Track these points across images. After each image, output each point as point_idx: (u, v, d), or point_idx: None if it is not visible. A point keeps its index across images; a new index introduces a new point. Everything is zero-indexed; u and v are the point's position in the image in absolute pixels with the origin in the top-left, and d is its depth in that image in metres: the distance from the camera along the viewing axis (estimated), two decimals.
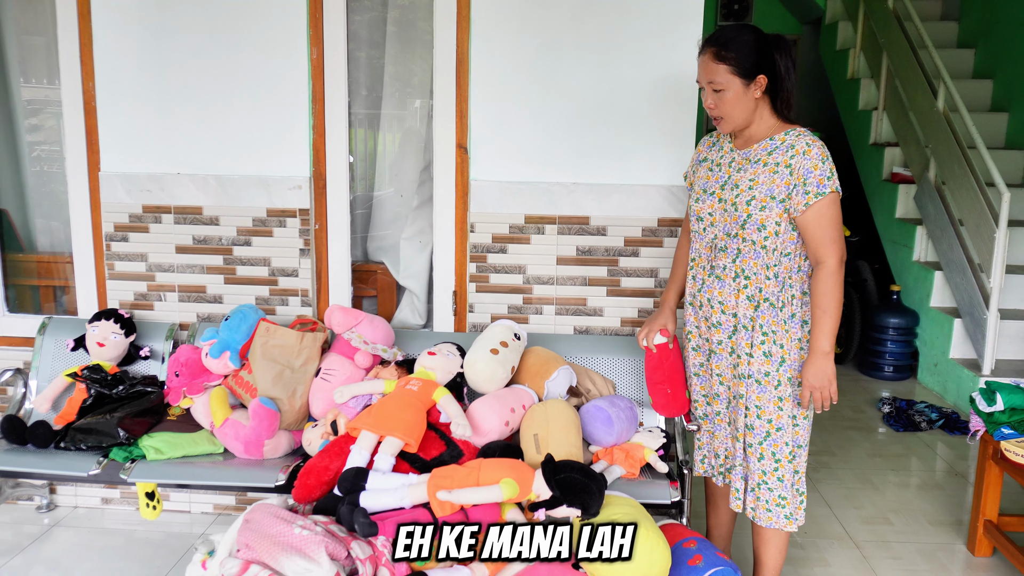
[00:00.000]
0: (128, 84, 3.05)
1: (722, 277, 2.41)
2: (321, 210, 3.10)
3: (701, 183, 2.47)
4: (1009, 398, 2.94)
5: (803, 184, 2.25)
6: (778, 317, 2.36)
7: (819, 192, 2.24)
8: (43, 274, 3.53)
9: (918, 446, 4.19)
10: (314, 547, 2.08)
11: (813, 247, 2.30)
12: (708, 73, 2.28)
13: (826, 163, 2.26)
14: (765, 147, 2.33)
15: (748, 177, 2.33)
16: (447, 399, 2.56)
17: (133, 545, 3.09)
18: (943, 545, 3.18)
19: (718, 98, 2.30)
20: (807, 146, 2.27)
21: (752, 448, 2.43)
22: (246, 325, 2.84)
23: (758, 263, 2.35)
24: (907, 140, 5.64)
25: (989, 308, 4.47)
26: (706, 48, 2.29)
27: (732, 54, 2.25)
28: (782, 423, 2.40)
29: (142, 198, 3.10)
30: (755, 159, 2.34)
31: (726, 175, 2.40)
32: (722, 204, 2.38)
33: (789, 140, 2.30)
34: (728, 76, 2.26)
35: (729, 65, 2.25)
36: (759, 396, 2.40)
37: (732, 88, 2.27)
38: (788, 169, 2.27)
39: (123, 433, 2.68)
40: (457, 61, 2.96)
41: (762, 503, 2.46)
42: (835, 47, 6.95)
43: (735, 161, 2.39)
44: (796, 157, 2.27)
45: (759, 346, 2.38)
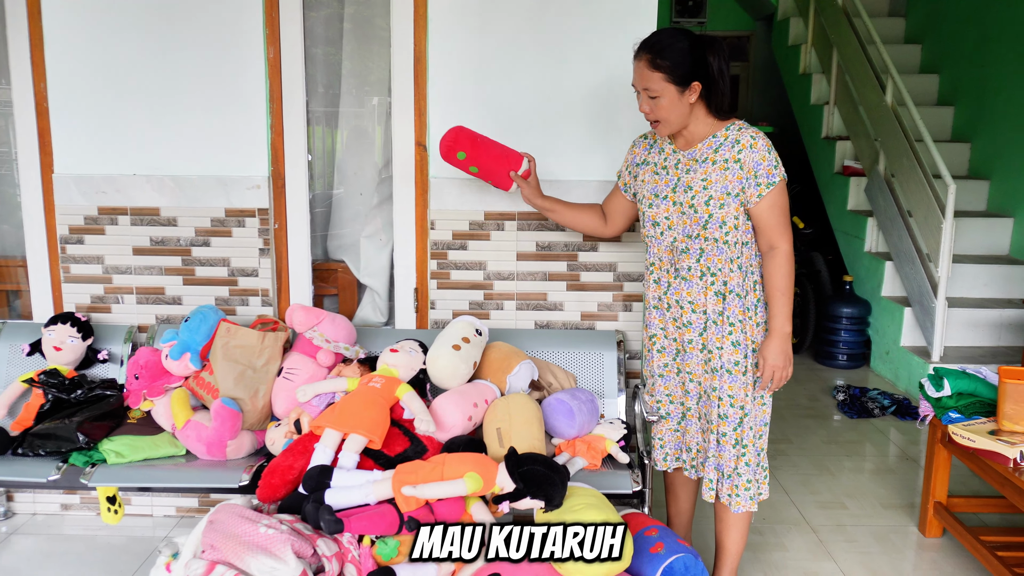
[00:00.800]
0: (81, 84, 3.01)
1: (688, 278, 2.46)
2: (280, 209, 3.09)
3: (649, 188, 2.50)
4: (956, 383, 3.03)
5: (754, 177, 2.33)
6: (743, 305, 2.43)
7: (770, 183, 2.32)
8: None
9: (871, 432, 4.31)
10: (280, 546, 2.09)
11: (767, 234, 2.38)
12: (643, 80, 2.32)
13: (771, 153, 2.34)
14: (710, 145, 2.38)
15: (700, 177, 2.38)
16: (410, 395, 2.58)
17: (95, 551, 3.06)
18: (896, 527, 3.28)
19: (653, 104, 2.33)
20: (752, 139, 2.34)
21: (726, 436, 2.50)
22: (206, 326, 2.83)
23: (722, 258, 2.41)
24: (857, 134, 5.77)
25: (937, 297, 4.59)
26: (641, 54, 2.32)
27: (667, 62, 2.28)
28: (750, 409, 2.48)
29: (97, 200, 3.07)
30: (702, 158, 2.38)
31: (675, 177, 2.43)
32: (678, 207, 2.42)
33: (732, 135, 2.36)
34: (663, 84, 2.29)
35: (663, 73, 2.28)
36: (731, 386, 2.47)
37: (667, 95, 2.31)
38: (738, 164, 2.33)
39: (83, 437, 2.65)
40: (415, 59, 2.97)
41: (736, 489, 2.53)
42: (787, 43, 7.07)
43: (681, 163, 2.43)
44: (744, 151, 2.33)
45: (727, 337, 2.44)
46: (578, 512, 2.21)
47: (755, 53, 8.09)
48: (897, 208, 5.10)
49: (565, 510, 2.25)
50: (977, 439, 2.78)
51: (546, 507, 2.25)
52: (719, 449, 2.52)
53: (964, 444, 2.84)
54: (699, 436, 2.60)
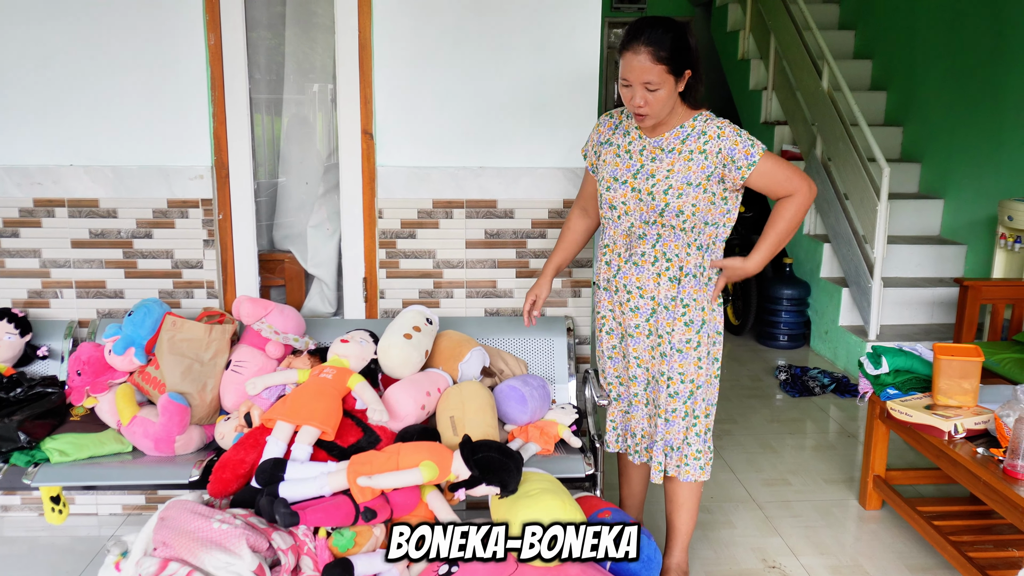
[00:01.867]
0: (12, 71, 2.91)
1: (640, 263, 2.47)
2: (224, 200, 3.04)
3: (609, 170, 2.49)
4: (894, 361, 3.14)
5: (732, 162, 2.35)
6: (698, 284, 2.46)
7: (751, 163, 2.34)
8: None
9: (812, 410, 4.43)
10: (234, 540, 2.07)
11: (776, 194, 2.43)
12: (644, 73, 2.26)
13: (742, 135, 2.36)
14: (677, 135, 2.39)
15: (665, 167, 2.38)
16: (362, 386, 2.57)
17: (37, 552, 2.98)
18: (837, 501, 3.39)
19: (652, 97, 2.30)
20: (718, 128, 2.36)
21: (676, 411, 2.53)
22: (151, 319, 2.77)
23: (679, 244, 2.43)
24: (795, 119, 5.89)
25: (873, 277, 4.73)
26: (639, 48, 2.26)
27: (668, 53, 2.25)
28: (701, 381, 2.52)
29: (33, 191, 2.98)
30: (668, 148, 2.39)
31: (638, 163, 2.43)
32: (636, 193, 2.42)
33: (699, 127, 2.38)
34: (665, 76, 2.27)
35: (666, 65, 2.26)
36: (682, 363, 2.49)
37: (665, 86, 2.29)
38: (703, 155, 2.35)
39: (24, 437, 2.57)
40: (360, 46, 2.94)
41: (685, 459, 2.57)
42: (726, 29, 7.18)
43: (647, 150, 2.43)
44: (710, 142, 2.35)
45: (679, 319, 2.47)
46: (534, 497, 2.24)
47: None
48: (834, 191, 5.23)
49: (520, 495, 2.27)
50: (914, 414, 2.88)
51: (501, 493, 2.27)
52: (668, 426, 2.55)
53: (902, 419, 2.94)
54: (644, 422, 2.63)
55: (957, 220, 5.36)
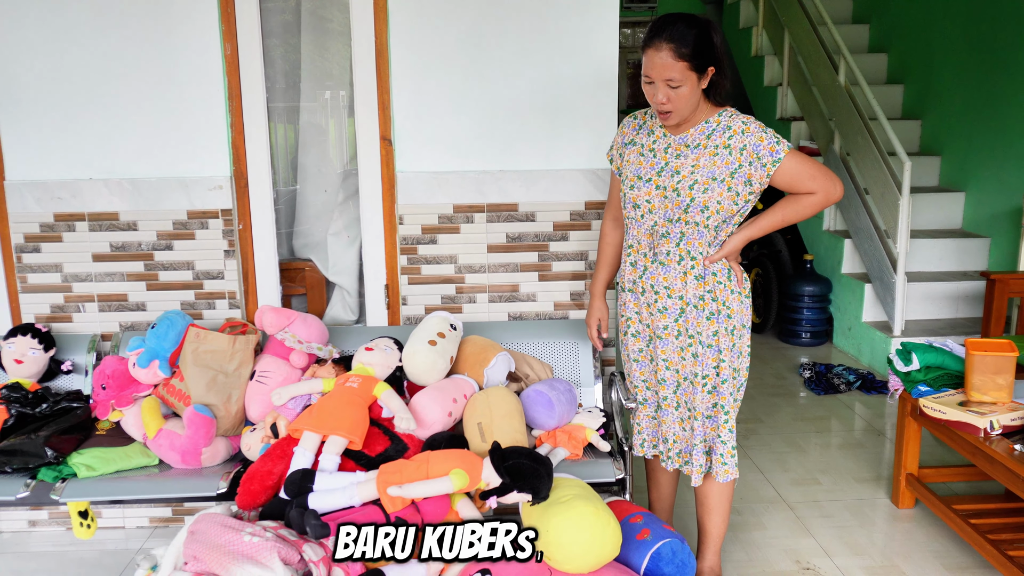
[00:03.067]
0: (30, 87, 2.91)
1: (666, 263, 2.44)
2: (244, 209, 3.03)
3: (633, 169, 2.46)
4: (924, 357, 3.09)
5: (758, 159, 2.31)
6: (721, 280, 2.44)
7: (775, 160, 2.31)
8: None
9: (838, 407, 4.38)
10: (266, 553, 2.05)
11: (798, 191, 2.39)
12: (666, 70, 2.24)
13: (767, 131, 2.32)
14: (702, 131, 2.36)
15: (690, 163, 2.35)
16: (388, 394, 2.55)
17: (66, 567, 2.98)
18: (869, 500, 3.34)
19: (674, 94, 2.27)
20: (743, 124, 2.33)
21: (717, 407, 2.50)
22: (174, 332, 2.76)
23: (702, 242, 2.40)
24: (812, 114, 5.84)
25: (897, 272, 4.68)
26: (661, 44, 2.24)
27: (690, 50, 2.22)
28: (725, 375, 2.47)
29: (53, 206, 2.98)
30: (693, 144, 2.36)
31: (663, 161, 2.40)
32: (660, 191, 2.39)
33: (724, 121, 2.35)
34: (686, 72, 2.24)
35: (688, 62, 2.23)
36: (713, 357, 2.46)
37: (688, 83, 2.25)
38: (727, 150, 2.32)
39: (51, 452, 2.56)
40: (376, 53, 2.93)
41: (722, 459, 2.53)
42: (738, 26, 7.13)
43: (672, 147, 2.40)
44: (735, 137, 2.32)
45: (706, 318, 2.44)
46: (566, 503, 2.21)
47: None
48: (854, 186, 5.18)
49: (552, 502, 2.24)
50: (948, 411, 2.83)
51: (533, 500, 2.25)
52: (708, 423, 2.51)
53: (935, 416, 2.89)
54: (676, 426, 2.57)
55: (979, 213, 5.29)
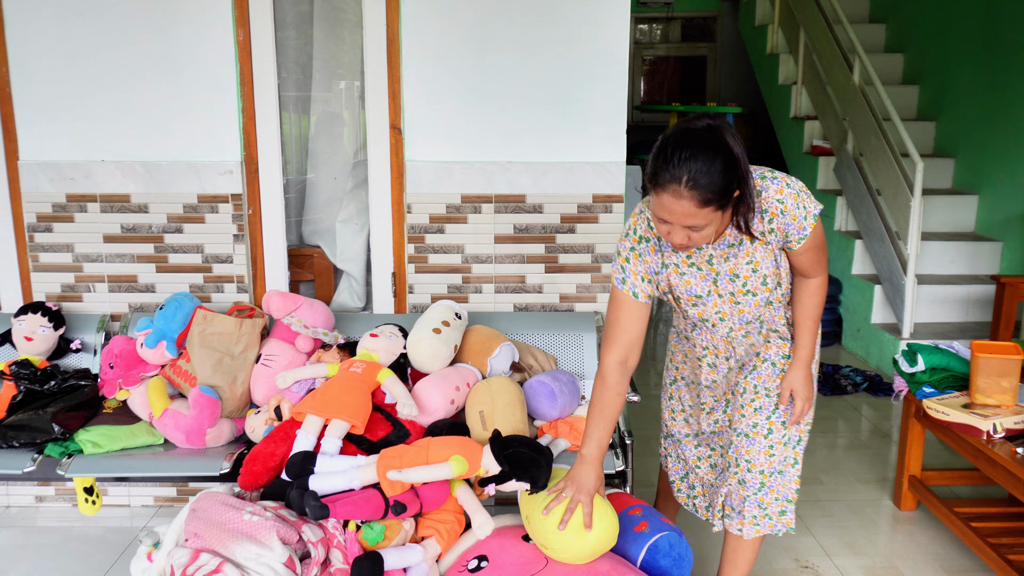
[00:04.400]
0: (45, 69, 2.94)
1: (756, 363, 2.30)
2: (254, 194, 3.05)
3: (684, 289, 2.22)
4: (929, 359, 3.08)
5: (785, 237, 2.12)
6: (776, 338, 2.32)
7: (801, 237, 2.10)
8: None
9: (844, 409, 4.37)
10: (265, 532, 2.07)
11: (804, 270, 2.21)
12: (687, 218, 1.93)
13: (799, 206, 2.07)
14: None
15: (744, 261, 2.14)
16: (392, 380, 2.57)
17: (71, 542, 3.02)
18: (871, 501, 3.34)
19: (697, 235, 1.99)
20: (779, 203, 2.07)
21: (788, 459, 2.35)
22: (182, 313, 2.79)
23: (778, 316, 2.29)
24: (825, 113, 5.82)
25: (907, 274, 4.66)
26: (681, 191, 1.89)
27: (714, 194, 1.91)
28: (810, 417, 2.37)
29: (65, 187, 3.01)
30: (737, 242, 2.14)
31: (711, 273, 2.18)
32: (728, 298, 2.20)
33: (757, 207, 2.08)
34: (712, 215, 1.95)
35: (714, 205, 1.93)
36: (785, 412, 2.31)
37: (713, 223, 1.97)
38: (773, 234, 2.11)
39: (58, 428, 2.60)
40: (387, 42, 2.94)
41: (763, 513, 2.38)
42: (754, 23, 7.10)
43: (714, 257, 2.16)
44: (775, 220, 2.08)
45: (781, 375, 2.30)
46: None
47: (721, 33, 8.12)
48: (866, 187, 5.16)
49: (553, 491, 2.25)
50: (951, 413, 2.83)
51: (531, 489, 2.26)
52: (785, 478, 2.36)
53: (938, 418, 2.88)
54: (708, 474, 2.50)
55: (992, 216, 5.27)
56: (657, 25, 8.39)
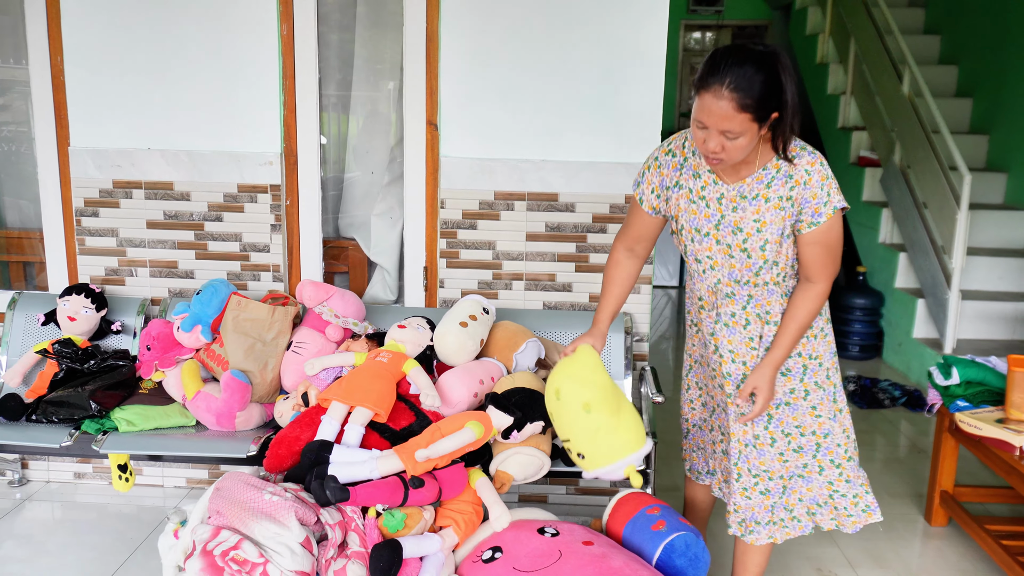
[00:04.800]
0: (97, 59, 3.05)
1: (731, 324, 2.29)
2: (292, 186, 3.12)
3: (688, 219, 2.23)
4: (964, 372, 3.02)
5: (800, 212, 2.11)
6: None
7: (813, 222, 2.10)
8: (13, 250, 3.52)
9: (881, 423, 4.29)
10: (284, 512, 2.12)
11: (807, 269, 2.18)
12: (724, 121, 1.96)
13: (824, 186, 2.08)
14: (760, 179, 2.12)
15: (752, 218, 2.13)
16: (416, 371, 2.60)
17: (106, 519, 3.11)
18: (902, 516, 3.28)
19: (730, 145, 2.00)
20: (806, 174, 2.07)
21: (809, 467, 2.34)
22: (218, 299, 2.86)
23: (772, 300, 2.24)
24: (873, 124, 5.73)
25: (951, 288, 4.57)
26: (722, 91, 1.93)
27: (755, 100, 1.93)
28: (828, 429, 2.31)
29: (112, 173, 3.11)
30: (751, 195, 2.13)
31: (717, 213, 2.18)
32: (724, 248, 2.19)
33: (786, 169, 2.09)
34: (748, 124, 1.96)
35: (750, 113, 1.95)
36: (794, 416, 2.30)
37: (748, 134, 1.99)
38: (791, 202, 2.10)
39: (95, 405, 2.69)
40: (427, 39, 2.98)
41: (841, 512, 2.39)
42: (805, 33, 7.03)
43: (725, 197, 2.16)
44: (796, 188, 2.08)
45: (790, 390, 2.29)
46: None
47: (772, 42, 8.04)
48: (912, 199, 5.07)
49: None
50: (984, 427, 2.77)
51: (545, 428, 2.40)
52: (806, 482, 2.36)
53: (971, 432, 2.83)
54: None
55: None
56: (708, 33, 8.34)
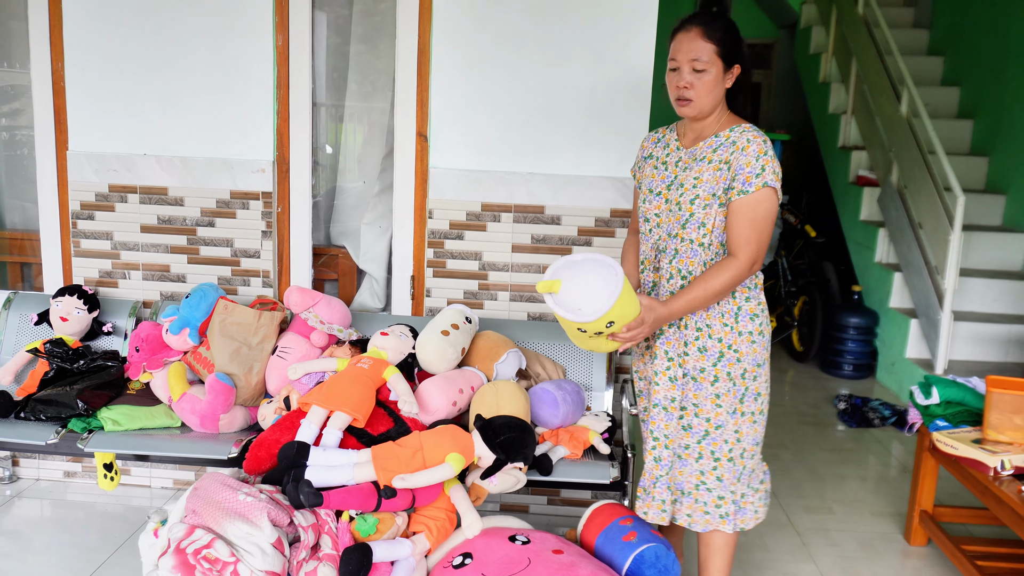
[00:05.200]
0: (97, 65, 3.11)
1: (658, 280, 2.40)
2: (284, 193, 3.17)
3: (647, 182, 2.42)
4: (944, 391, 3.04)
5: (733, 179, 2.23)
6: (715, 311, 2.32)
7: (743, 190, 2.21)
8: (13, 251, 3.58)
9: (869, 442, 4.30)
10: (257, 513, 2.16)
11: (731, 241, 2.27)
12: (693, 50, 2.22)
13: (760, 159, 2.21)
14: (711, 144, 2.29)
15: (693, 175, 2.29)
16: (396, 377, 2.64)
17: (93, 517, 3.16)
18: (882, 535, 3.29)
19: (697, 78, 2.23)
20: (747, 142, 2.23)
21: (688, 450, 2.39)
22: (206, 303, 2.91)
23: (695, 260, 2.31)
24: (873, 144, 5.76)
25: (943, 309, 4.58)
26: (691, 25, 2.24)
27: (720, 34, 2.22)
28: (721, 421, 2.35)
29: (109, 177, 3.17)
30: (700, 157, 2.30)
31: (672, 175, 2.35)
32: (668, 204, 2.34)
33: (733, 136, 2.26)
34: (713, 56, 2.22)
35: (716, 45, 2.21)
36: (696, 394, 2.35)
37: (714, 69, 2.22)
38: (727, 165, 2.24)
39: (82, 404, 2.74)
40: (419, 51, 3.04)
41: (703, 507, 2.41)
42: (808, 51, 7.06)
43: (681, 160, 2.35)
44: (735, 153, 2.24)
45: (693, 343, 2.34)
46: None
47: (778, 61, 8.08)
48: (908, 219, 5.09)
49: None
50: (959, 447, 2.79)
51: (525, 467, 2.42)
52: (681, 465, 2.40)
53: (947, 451, 2.84)
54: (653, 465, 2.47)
55: None
56: None
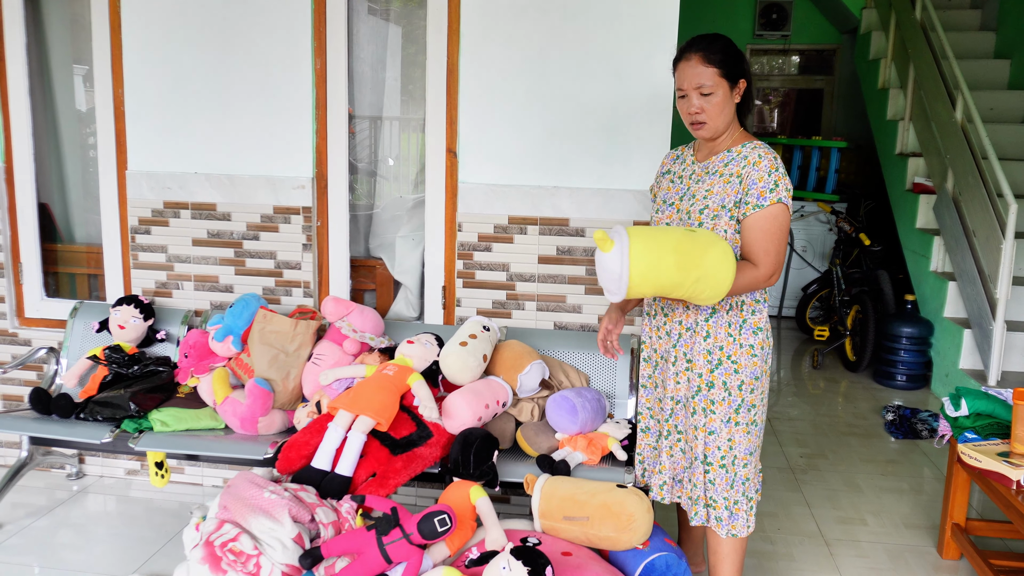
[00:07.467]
0: (153, 92, 3.35)
1: None
2: (323, 208, 3.34)
3: (663, 194, 2.53)
4: (974, 403, 3.00)
5: (746, 194, 2.31)
6: (722, 319, 2.39)
7: (758, 204, 2.29)
8: (80, 263, 3.86)
9: (914, 454, 4.24)
10: (279, 509, 2.31)
11: (750, 253, 2.34)
12: (697, 76, 2.32)
13: (772, 175, 2.29)
14: (723, 159, 2.39)
15: (704, 188, 2.39)
16: (419, 384, 2.76)
17: (150, 513, 3.38)
18: (914, 547, 3.25)
19: (706, 102, 2.33)
20: (758, 158, 2.32)
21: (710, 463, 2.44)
22: (248, 312, 3.10)
23: None
24: (929, 151, 5.64)
25: (995, 319, 4.47)
26: (691, 53, 2.33)
27: (719, 56, 2.31)
28: (714, 427, 2.41)
29: (163, 195, 3.40)
30: (712, 171, 2.40)
31: (686, 187, 2.45)
32: (679, 215, 2.44)
33: (744, 152, 2.35)
34: (717, 79, 2.31)
35: (717, 67, 2.31)
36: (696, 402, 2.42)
37: (720, 91, 2.32)
38: (738, 179, 2.33)
39: (134, 406, 2.95)
40: (448, 71, 3.17)
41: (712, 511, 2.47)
42: (868, 57, 6.95)
43: (695, 173, 2.45)
44: (747, 167, 2.32)
45: (703, 354, 2.41)
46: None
47: (840, 67, 7.95)
48: (963, 227, 4.98)
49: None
50: (984, 459, 2.76)
51: None
52: (691, 469, 2.48)
53: (971, 464, 2.82)
54: (664, 455, 2.56)
55: None
56: (773, 57, 8.31)
